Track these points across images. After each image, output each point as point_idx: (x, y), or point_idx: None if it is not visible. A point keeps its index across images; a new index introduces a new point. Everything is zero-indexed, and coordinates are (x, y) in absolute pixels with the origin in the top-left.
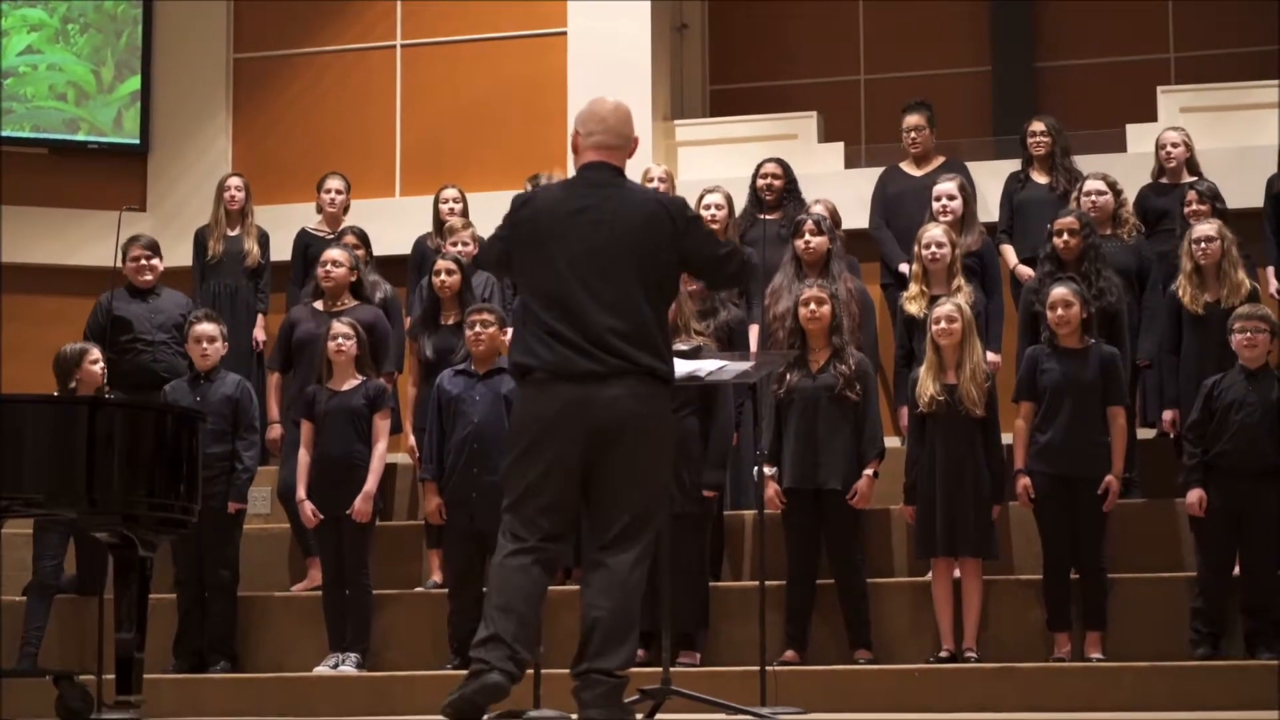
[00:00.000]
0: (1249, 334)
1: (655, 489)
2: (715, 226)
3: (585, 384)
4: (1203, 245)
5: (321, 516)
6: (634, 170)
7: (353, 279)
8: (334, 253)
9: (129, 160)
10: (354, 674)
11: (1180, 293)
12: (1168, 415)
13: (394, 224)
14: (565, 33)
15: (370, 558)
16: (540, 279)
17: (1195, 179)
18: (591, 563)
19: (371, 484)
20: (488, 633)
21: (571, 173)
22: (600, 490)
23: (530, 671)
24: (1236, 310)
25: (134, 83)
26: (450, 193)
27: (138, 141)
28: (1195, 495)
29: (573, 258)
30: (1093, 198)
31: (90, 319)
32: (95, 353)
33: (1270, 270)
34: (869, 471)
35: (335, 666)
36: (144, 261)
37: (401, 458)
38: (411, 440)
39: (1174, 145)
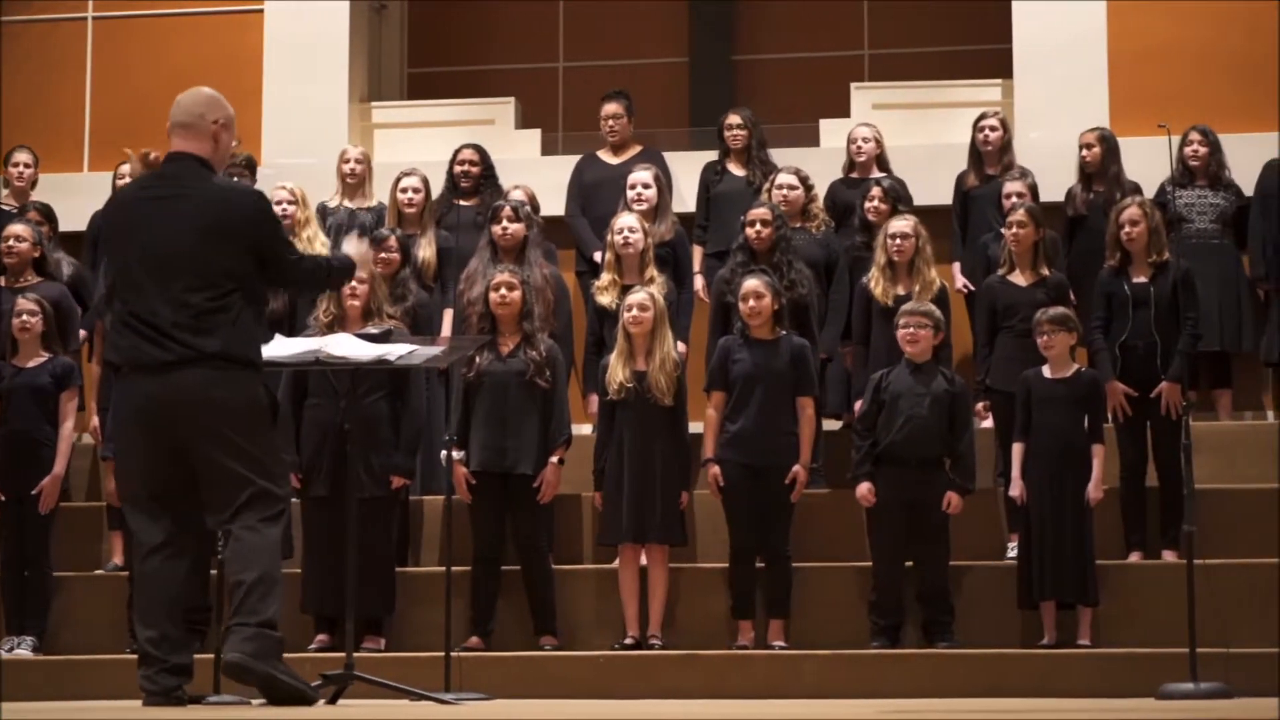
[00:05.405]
0: (911, 329)
1: (265, 462)
2: (411, 210)
3: (160, 374)
4: (897, 241)
5: (3, 497)
6: (330, 151)
7: (36, 255)
8: (16, 228)
9: None
10: (30, 657)
11: (872, 285)
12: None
13: (83, 199)
14: (262, 10)
15: (52, 539)
16: (117, 272)
17: (882, 175)
18: (225, 535)
19: (60, 466)
20: (139, 649)
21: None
22: (209, 472)
23: (211, 656)
24: (903, 306)
25: None
26: (125, 168)
27: None
28: (864, 488)
29: (144, 249)
30: (784, 191)
31: None
32: None
33: (956, 266)
34: (554, 459)
35: (11, 650)
36: None
37: (85, 437)
38: (95, 420)
39: (864, 140)
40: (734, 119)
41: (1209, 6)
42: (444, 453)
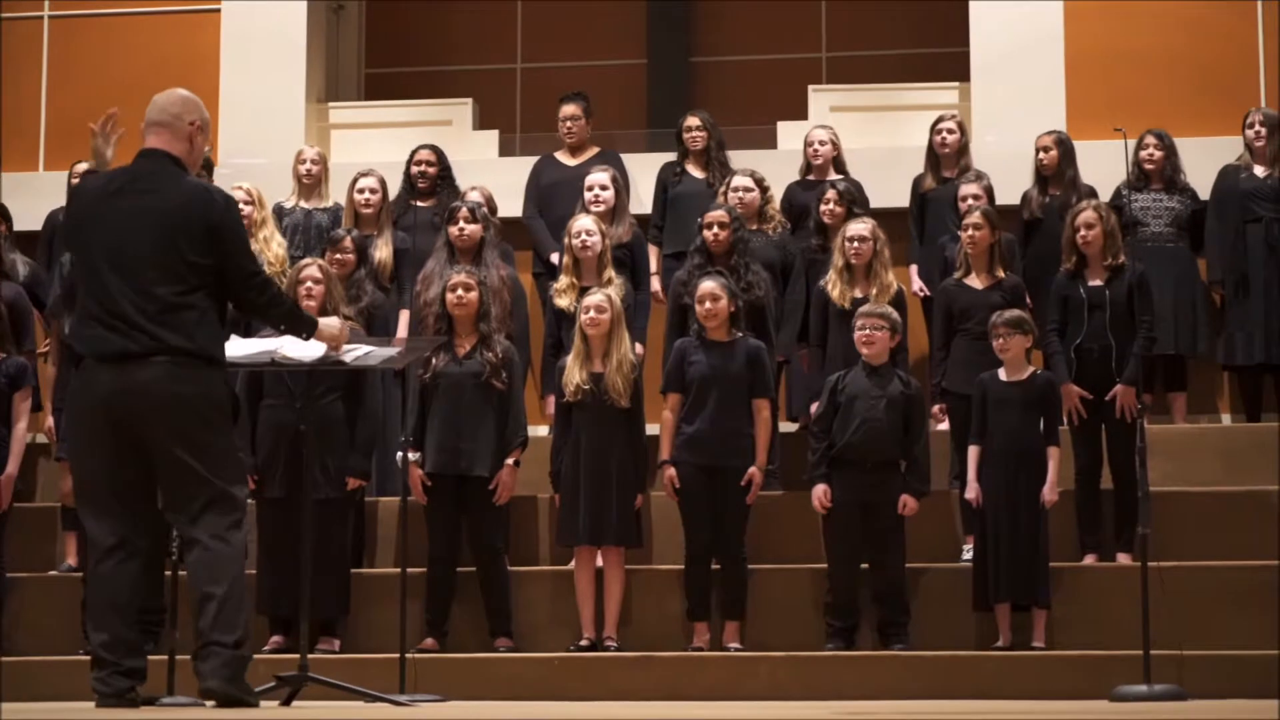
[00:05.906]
0: (868, 331)
1: (224, 462)
2: (368, 211)
3: (124, 365)
4: (855, 244)
5: None
6: (286, 152)
7: None
8: None
9: None
10: None
11: (830, 288)
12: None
13: (38, 199)
14: (219, 10)
15: (5, 540)
16: (82, 263)
17: (838, 177)
18: (187, 540)
19: (13, 467)
20: (92, 652)
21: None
22: (169, 470)
23: (164, 657)
24: (860, 308)
25: None
26: (82, 167)
27: None
28: (819, 490)
29: (110, 241)
30: (740, 194)
31: None
32: None
33: (913, 269)
34: (510, 461)
35: None
36: None
37: (40, 437)
38: (50, 420)
39: (820, 143)
40: (693, 121)
41: (1166, 11)
42: (400, 454)
